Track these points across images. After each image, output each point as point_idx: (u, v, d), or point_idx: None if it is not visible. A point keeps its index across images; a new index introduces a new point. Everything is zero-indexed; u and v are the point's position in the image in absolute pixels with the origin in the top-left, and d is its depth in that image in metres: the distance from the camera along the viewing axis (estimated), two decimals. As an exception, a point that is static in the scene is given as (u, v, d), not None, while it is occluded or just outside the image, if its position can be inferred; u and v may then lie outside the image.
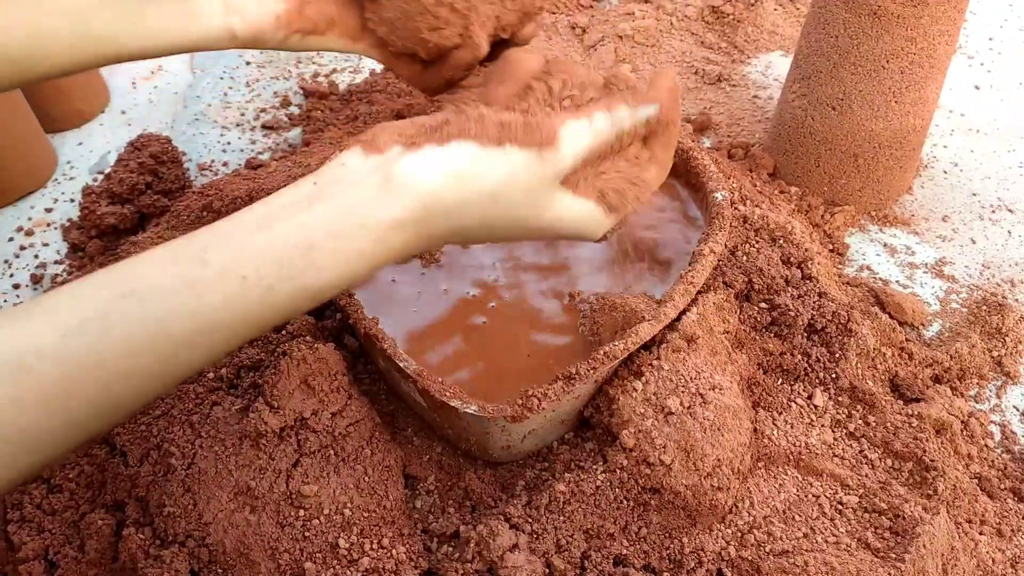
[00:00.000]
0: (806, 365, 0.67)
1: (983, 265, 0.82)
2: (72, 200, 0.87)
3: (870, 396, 0.67)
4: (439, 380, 0.54)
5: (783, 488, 0.60)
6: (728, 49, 1.11)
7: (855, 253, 0.83)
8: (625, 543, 0.56)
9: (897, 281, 0.80)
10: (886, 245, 0.84)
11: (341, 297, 0.59)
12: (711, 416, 0.57)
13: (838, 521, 0.58)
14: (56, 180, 0.89)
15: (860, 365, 0.68)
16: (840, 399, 0.67)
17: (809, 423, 0.65)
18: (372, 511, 0.55)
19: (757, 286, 0.70)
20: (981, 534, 0.61)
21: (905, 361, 0.71)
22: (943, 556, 0.57)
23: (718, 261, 0.67)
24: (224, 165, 0.91)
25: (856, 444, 0.64)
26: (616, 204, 0.47)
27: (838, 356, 0.67)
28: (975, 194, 0.90)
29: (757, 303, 0.69)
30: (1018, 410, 0.70)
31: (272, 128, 0.96)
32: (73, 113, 0.95)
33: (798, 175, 0.87)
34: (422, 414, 0.62)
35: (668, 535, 0.57)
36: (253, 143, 0.94)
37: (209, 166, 0.91)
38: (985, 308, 0.77)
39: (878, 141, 0.81)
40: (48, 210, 0.86)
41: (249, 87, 1.03)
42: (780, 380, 0.67)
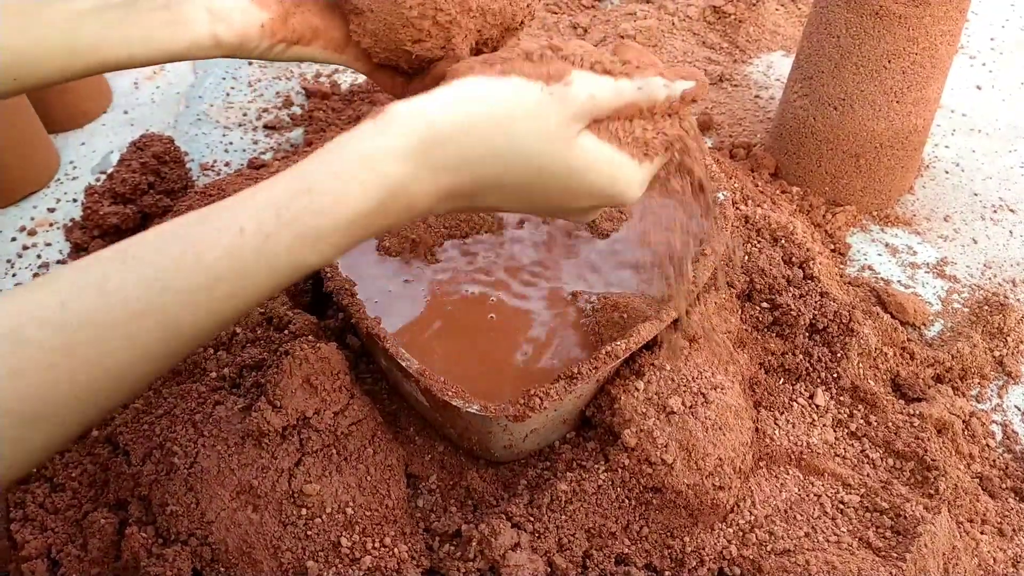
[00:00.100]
0: (808, 365, 0.67)
1: (984, 265, 0.82)
2: (75, 200, 0.87)
3: (872, 396, 0.67)
4: (441, 379, 0.54)
5: (784, 487, 0.60)
6: (730, 49, 1.11)
7: (857, 253, 0.83)
8: (627, 542, 0.56)
9: (899, 281, 0.80)
10: (888, 245, 0.84)
11: (343, 297, 0.59)
12: (713, 416, 0.57)
13: (839, 520, 0.58)
14: (59, 180, 0.89)
15: (862, 365, 0.68)
16: (842, 399, 0.67)
17: (811, 423, 0.65)
18: (374, 510, 0.55)
19: (759, 286, 0.70)
20: (982, 533, 0.61)
21: (907, 361, 0.71)
22: (944, 555, 0.57)
23: (720, 261, 0.67)
24: (226, 165, 0.91)
25: (858, 444, 0.65)
26: (651, 148, 0.43)
27: (840, 356, 0.67)
28: (977, 194, 0.90)
29: (759, 303, 0.69)
30: (1019, 410, 0.70)
31: (274, 128, 0.96)
32: (76, 113, 0.95)
33: (800, 175, 0.87)
34: (424, 413, 0.62)
35: (670, 534, 0.57)
36: (255, 143, 0.95)
37: (211, 166, 0.91)
38: (987, 308, 0.77)
39: (880, 141, 0.81)
40: (51, 210, 0.86)
41: (251, 87, 1.03)
42: (782, 380, 0.67)
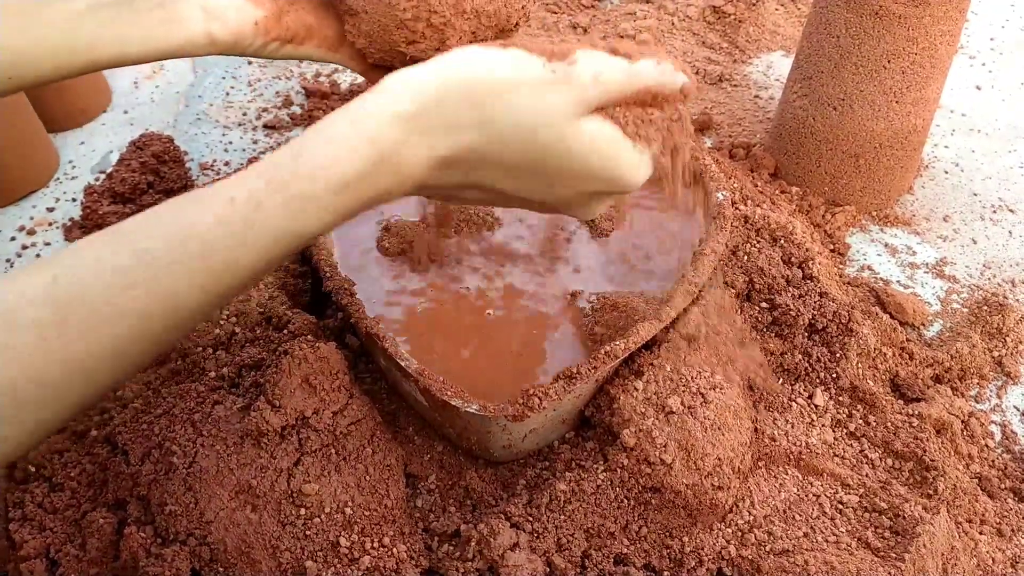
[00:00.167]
0: (807, 365, 0.67)
1: (984, 265, 0.82)
2: (74, 199, 0.87)
3: (871, 396, 0.67)
4: (440, 379, 0.54)
5: (783, 487, 0.60)
6: (729, 49, 1.11)
7: (856, 253, 0.83)
8: (625, 542, 0.56)
9: (898, 281, 0.80)
10: (887, 245, 0.84)
11: (343, 296, 0.59)
12: (712, 415, 0.57)
13: (838, 520, 0.58)
14: (58, 179, 0.89)
15: (861, 365, 0.68)
16: (841, 399, 0.67)
17: (810, 423, 0.65)
18: (373, 510, 0.55)
19: (758, 286, 0.70)
20: (981, 534, 0.61)
21: (906, 361, 0.71)
22: (943, 556, 0.57)
23: (719, 261, 0.67)
24: (226, 165, 0.91)
25: (856, 444, 0.65)
26: (648, 137, 0.41)
27: (839, 356, 0.67)
28: (976, 194, 0.90)
29: (758, 303, 0.69)
30: (1018, 410, 0.70)
31: (274, 128, 0.96)
32: (75, 112, 0.95)
33: (799, 175, 0.87)
34: (423, 413, 0.62)
35: (669, 534, 0.57)
36: (255, 143, 0.94)
37: (211, 166, 0.91)
38: (986, 308, 0.77)
39: (879, 141, 0.81)
40: (50, 209, 0.86)
41: (251, 87, 1.03)
42: (781, 380, 0.67)
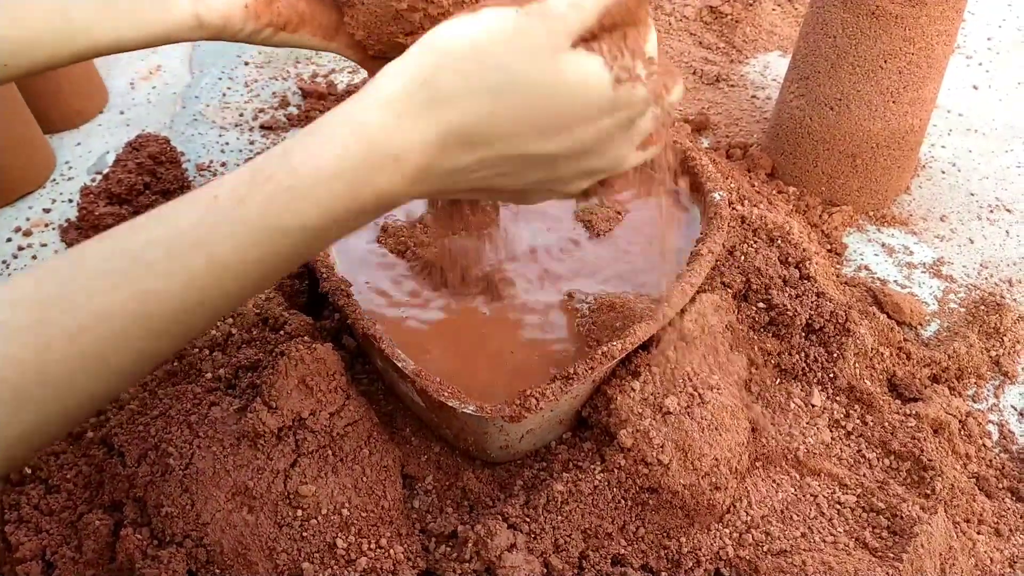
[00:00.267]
0: (804, 365, 0.67)
1: (981, 265, 0.82)
2: (70, 200, 0.87)
3: (868, 396, 0.67)
4: (437, 380, 0.54)
5: (781, 488, 0.60)
6: (726, 49, 1.11)
7: (853, 253, 0.83)
8: (623, 543, 0.56)
9: (895, 281, 0.80)
10: (884, 245, 0.84)
11: (339, 297, 0.59)
12: (709, 416, 0.57)
13: (836, 521, 0.58)
14: (54, 180, 0.89)
15: (858, 365, 0.68)
16: (838, 399, 0.67)
17: (807, 423, 0.65)
18: (370, 511, 0.55)
19: (755, 286, 0.70)
20: (979, 533, 0.61)
21: (903, 361, 0.71)
22: (941, 555, 0.57)
23: (716, 261, 0.67)
24: (223, 166, 0.91)
25: (854, 444, 0.65)
26: (629, 68, 0.37)
27: (836, 356, 0.67)
28: (973, 194, 0.90)
29: (755, 303, 0.69)
30: (1016, 409, 0.70)
31: (271, 128, 0.96)
32: (71, 113, 0.95)
33: (796, 175, 0.87)
34: (420, 414, 0.62)
35: (666, 535, 0.57)
36: (252, 144, 0.94)
37: (208, 166, 0.91)
38: (983, 308, 0.77)
39: (876, 141, 0.81)
40: (46, 210, 0.86)
41: (248, 87, 1.03)
42: (778, 380, 0.67)
